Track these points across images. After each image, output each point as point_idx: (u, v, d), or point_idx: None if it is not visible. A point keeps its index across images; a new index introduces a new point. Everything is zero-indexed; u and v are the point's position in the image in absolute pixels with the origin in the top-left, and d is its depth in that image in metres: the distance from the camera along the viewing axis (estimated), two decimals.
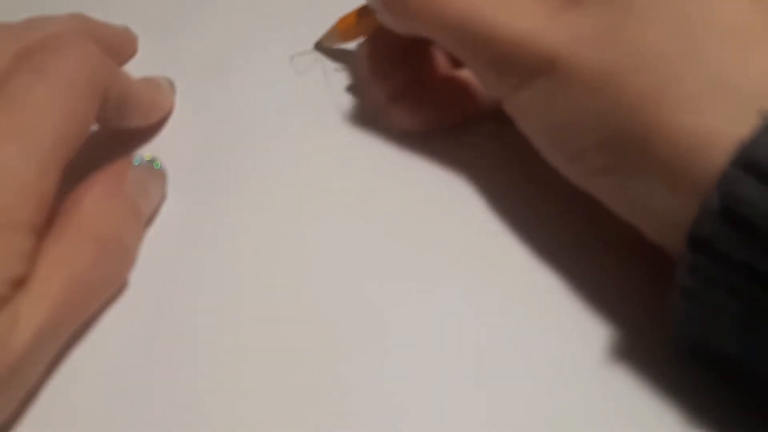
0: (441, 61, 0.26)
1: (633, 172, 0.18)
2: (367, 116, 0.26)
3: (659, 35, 0.18)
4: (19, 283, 0.19)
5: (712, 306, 0.17)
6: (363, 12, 0.26)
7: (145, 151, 0.25)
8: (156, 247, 0.23)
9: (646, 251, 0.20)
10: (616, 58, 0.18)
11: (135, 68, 0.27)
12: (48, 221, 0.20)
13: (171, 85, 0.28)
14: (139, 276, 0.23)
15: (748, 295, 0.16)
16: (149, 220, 0.24)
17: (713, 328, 0.17)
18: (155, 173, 0.24)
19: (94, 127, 0.23)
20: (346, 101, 0.27)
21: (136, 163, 0.23)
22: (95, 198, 0.22)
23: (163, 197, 0.25)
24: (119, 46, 0.28)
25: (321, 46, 0.29)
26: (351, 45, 0.28)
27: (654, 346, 0.19)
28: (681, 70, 0.17)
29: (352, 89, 0.27)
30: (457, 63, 0.26)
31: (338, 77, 0.28)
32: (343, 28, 0.27)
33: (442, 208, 0.24)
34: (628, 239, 0.20)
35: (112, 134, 0.26)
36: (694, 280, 0.17)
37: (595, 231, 0.22)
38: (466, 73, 0.25)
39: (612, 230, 0.21)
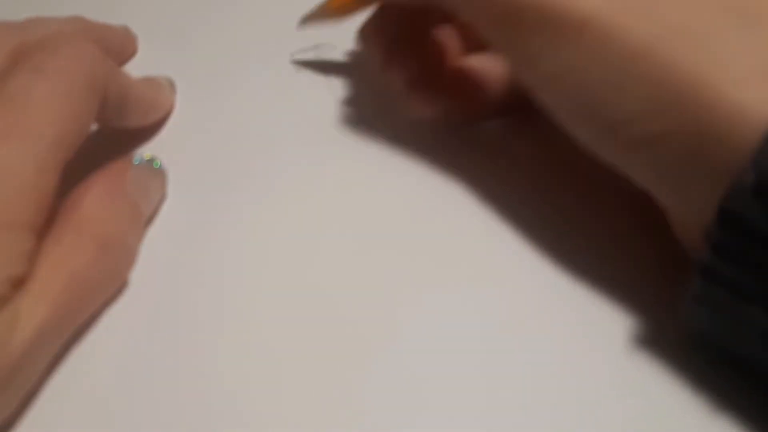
0: (451, 48, 0.25)
1: (675, 145, 0.17)
2: (368, 114, 0.26)
3: (709, 7, 0.17)
4: (19, 283, 0.19)
5: (732, 288, 0.17)
6: None
7: (145, 151, 0.25)
8: (156, 247, 0.23)
9: (664, 243, 0.20)
10: (659, 28, 0.17)
11: (135, 68, 0.27)
12: (48, 221, 0.20)
13: (171, 84, 0.28)
14: (139, 276, 0.23)
15: None
16: (149, 220, 0.24)
17: (731, 316, 0.17)
18: (155, 173, 0.24)
19: (94, 127, 0.23)
20: (347, 98, 0.27)
21: (136, 163, 0.23)
22: (95, 198, 0.22)
23: (163, 197, 0.25)
24: (119, 46, 0.28)
25: (307, 23, 0.27)
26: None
27: (672, 337, 0.19)
28: (732, 46, 0.17)
29: (352, 86, 0.27)
30: (467, 50, 0.25)
31: (339, 74, 0.28)
32: (337, 4, 0.25)
33: (445, 207, 0.24)
34: (646, 231, 0.20)
35: (112, 134, 0.26)
36: (717, 258, 0.16)
37: (609, 224, 0.22)
38: (477, 62, 0.24)
39: (629, 222, 0.21)
